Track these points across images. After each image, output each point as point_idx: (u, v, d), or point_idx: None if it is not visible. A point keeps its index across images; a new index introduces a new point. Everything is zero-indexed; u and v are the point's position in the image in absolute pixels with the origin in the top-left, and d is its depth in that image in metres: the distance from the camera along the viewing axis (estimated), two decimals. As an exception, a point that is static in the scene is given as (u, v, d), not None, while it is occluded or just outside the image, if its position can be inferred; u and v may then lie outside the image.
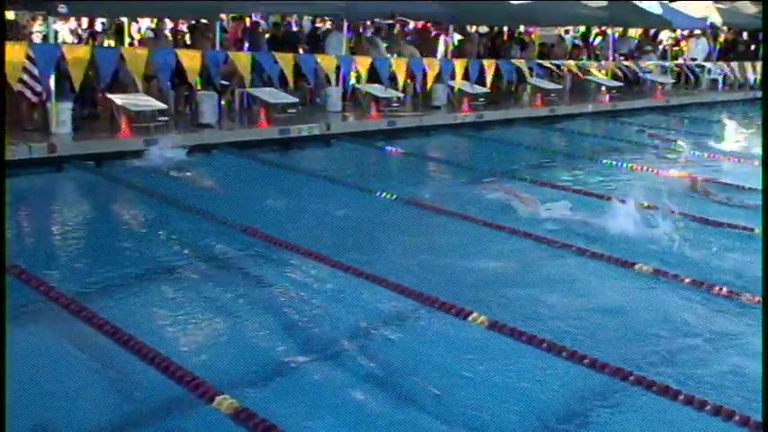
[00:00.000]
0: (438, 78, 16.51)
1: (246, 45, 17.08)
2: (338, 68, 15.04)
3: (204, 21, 15.74)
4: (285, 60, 13.84)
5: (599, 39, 25.54)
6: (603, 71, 20.96)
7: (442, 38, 20.03)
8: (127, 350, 4.99)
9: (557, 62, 19.77)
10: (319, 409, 4.73)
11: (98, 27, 20.36)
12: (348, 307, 6.39)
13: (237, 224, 8.09)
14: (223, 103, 14.21)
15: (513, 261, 7.70)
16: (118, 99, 12.22)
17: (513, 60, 18.54)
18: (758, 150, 13.73)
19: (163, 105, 12.57)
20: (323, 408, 4.74)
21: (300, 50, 17.12)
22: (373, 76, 15.52)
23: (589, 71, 20.38)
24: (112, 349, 5.08)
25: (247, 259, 7.54)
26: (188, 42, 16.28)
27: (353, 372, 5.25)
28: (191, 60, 12.70)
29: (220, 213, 8.45)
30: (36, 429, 4.35)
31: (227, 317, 6.15)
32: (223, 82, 14.18)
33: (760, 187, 10.71)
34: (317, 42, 18.32)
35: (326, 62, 14.79)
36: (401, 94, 16.10)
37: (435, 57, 18.88)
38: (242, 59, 13.56)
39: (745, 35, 28.92)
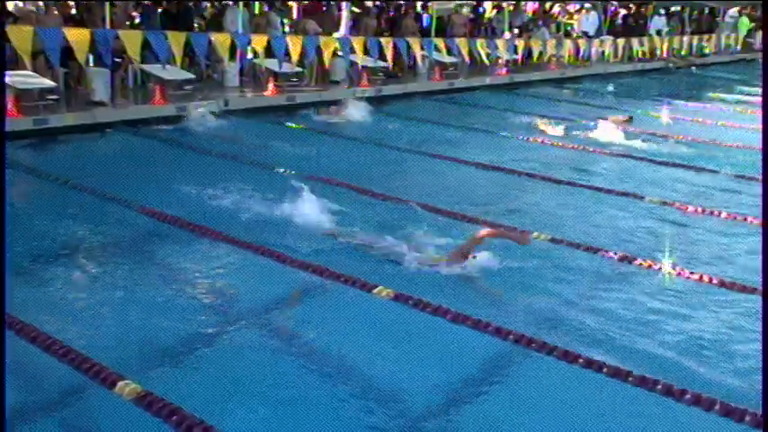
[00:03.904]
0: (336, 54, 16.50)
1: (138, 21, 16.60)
2: (233, 46, 14.82)
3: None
4: (177, 39, 13.50)
5: (493, 12, 25.98)
6: (500, 46, 21.26)
7: (343, 11, 19.88)
8: (22, 338, 4.82)
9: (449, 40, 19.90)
10: (228, 389, 4.68)
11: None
12: (250, 284, 6.36)
13: (134, 204, 7.92)
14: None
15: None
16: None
17: (407, 38, 18.56)
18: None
19: (52, 83, 12.08)
20: (231, 388, 4.70)
21: (196, 26, 16.77)
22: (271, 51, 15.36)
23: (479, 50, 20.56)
24: (8, 337, 4.88)
25: (145, 239, 7.36)
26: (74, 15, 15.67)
27: (261, 350, 5.23)
28: (79, 38, 12.25)
29: (115, 193, 8.25)
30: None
31: (123, 300, 5.93)
32: (116, 59, 13.70)
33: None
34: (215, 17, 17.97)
35: (221, 40, 14.52)
36: (300, 69, 15.97)
37: (338, 30, 18.75)
38: (132, 38, 13.15)
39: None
